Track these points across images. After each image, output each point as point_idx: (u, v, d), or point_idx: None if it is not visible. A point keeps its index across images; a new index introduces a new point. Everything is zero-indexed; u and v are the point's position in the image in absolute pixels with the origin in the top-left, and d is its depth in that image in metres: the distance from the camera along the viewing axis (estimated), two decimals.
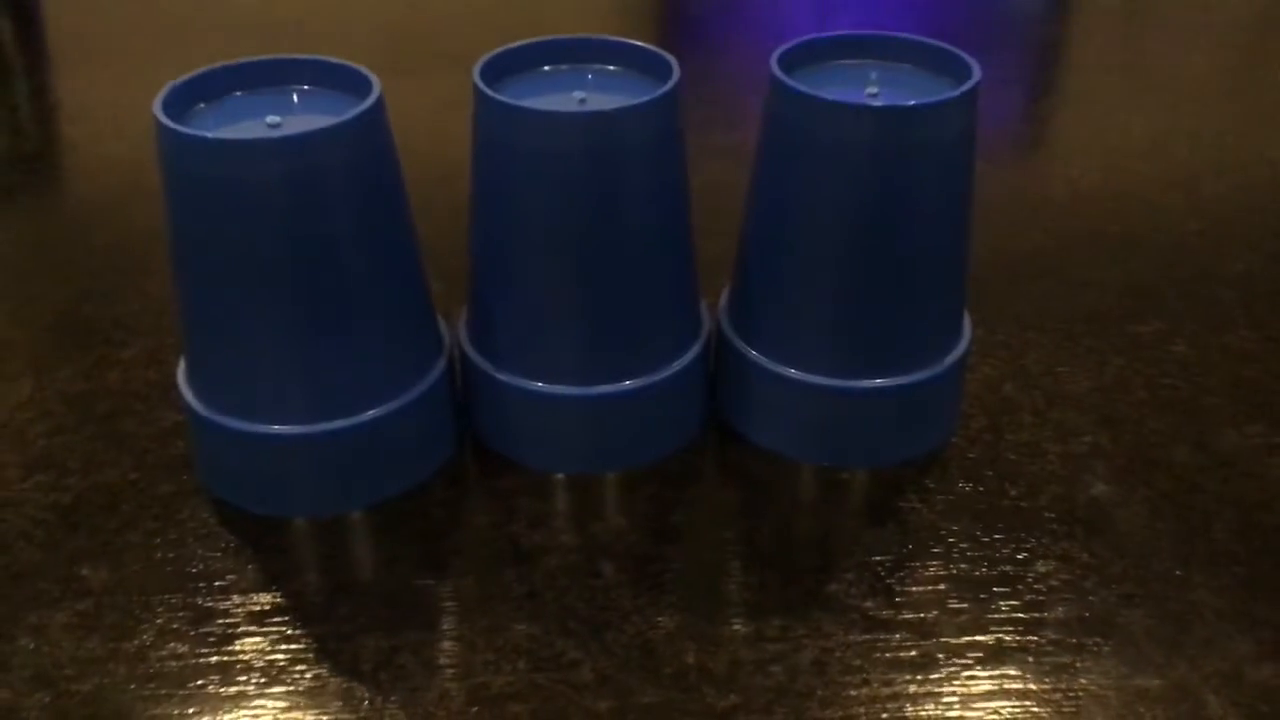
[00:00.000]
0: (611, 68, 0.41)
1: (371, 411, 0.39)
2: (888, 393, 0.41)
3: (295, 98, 0.39)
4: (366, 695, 0.34)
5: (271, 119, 0.37)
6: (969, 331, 0.42)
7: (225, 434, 0.39)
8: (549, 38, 0.41)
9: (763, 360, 0.41)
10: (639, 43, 0.40)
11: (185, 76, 0.38)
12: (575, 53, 0.41)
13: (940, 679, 0.34)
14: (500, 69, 0.40)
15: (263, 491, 0.40)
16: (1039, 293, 0.52)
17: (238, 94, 0.39)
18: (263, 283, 0.36)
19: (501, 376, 0.41)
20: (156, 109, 0.36)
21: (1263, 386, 0.46)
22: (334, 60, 0.39)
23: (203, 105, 0.38)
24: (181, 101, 0.37)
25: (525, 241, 0.39)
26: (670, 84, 0.38)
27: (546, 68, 0.41)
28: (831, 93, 0.37)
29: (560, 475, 0.42)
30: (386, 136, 0.37)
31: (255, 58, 0.39)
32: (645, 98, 0.37)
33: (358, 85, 0.38)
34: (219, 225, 0.36)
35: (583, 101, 0.39)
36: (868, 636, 0.35)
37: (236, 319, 0.37)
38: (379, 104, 0.37)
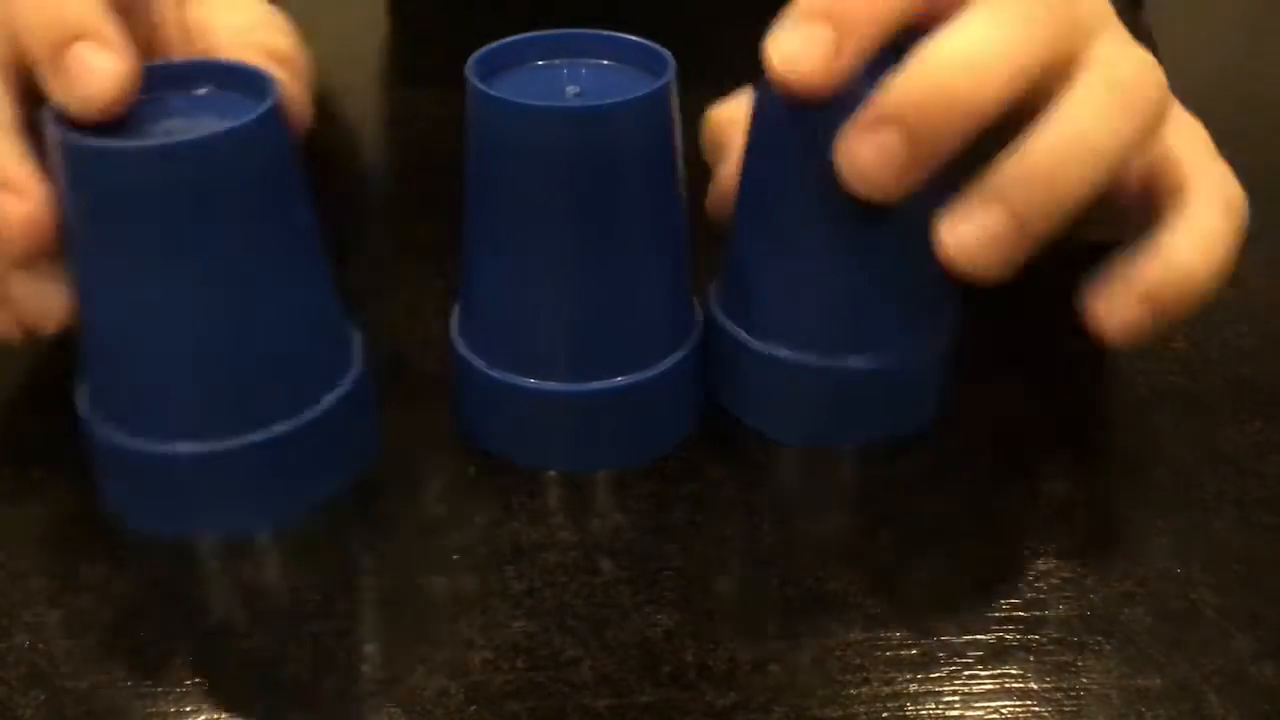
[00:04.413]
0: (606, 62, 0.41)
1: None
2: (876, 371, 0.41)
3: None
4: (365, 693, 0.34)
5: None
6: (956, 313, 0.42)
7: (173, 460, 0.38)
8: (543, 33, 0.41)
9: (753, 342, 0.42)
10: (634, 37, 0.40)
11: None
12: (570, 47, 0.41)
13: (941, 678, 0.34)
14: (494, 64, 0.40)
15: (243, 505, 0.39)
16: (1038, 288, 0.52)
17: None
18: None
19: (493, 373, 0.41)
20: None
21: (1262, 384, 0.46)
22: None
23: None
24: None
25: (515, 237, 0.39)
26: (665, 79, 0.38)
27: (540, 62, 0.41)
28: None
29: (555, 472, 0.41)
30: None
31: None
32: (639, 92, 0.37)
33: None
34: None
35: (576, 96, 0.39)
36: (867, 635, 0.35)
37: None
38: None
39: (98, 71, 0.35)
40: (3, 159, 0.37)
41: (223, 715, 0.33)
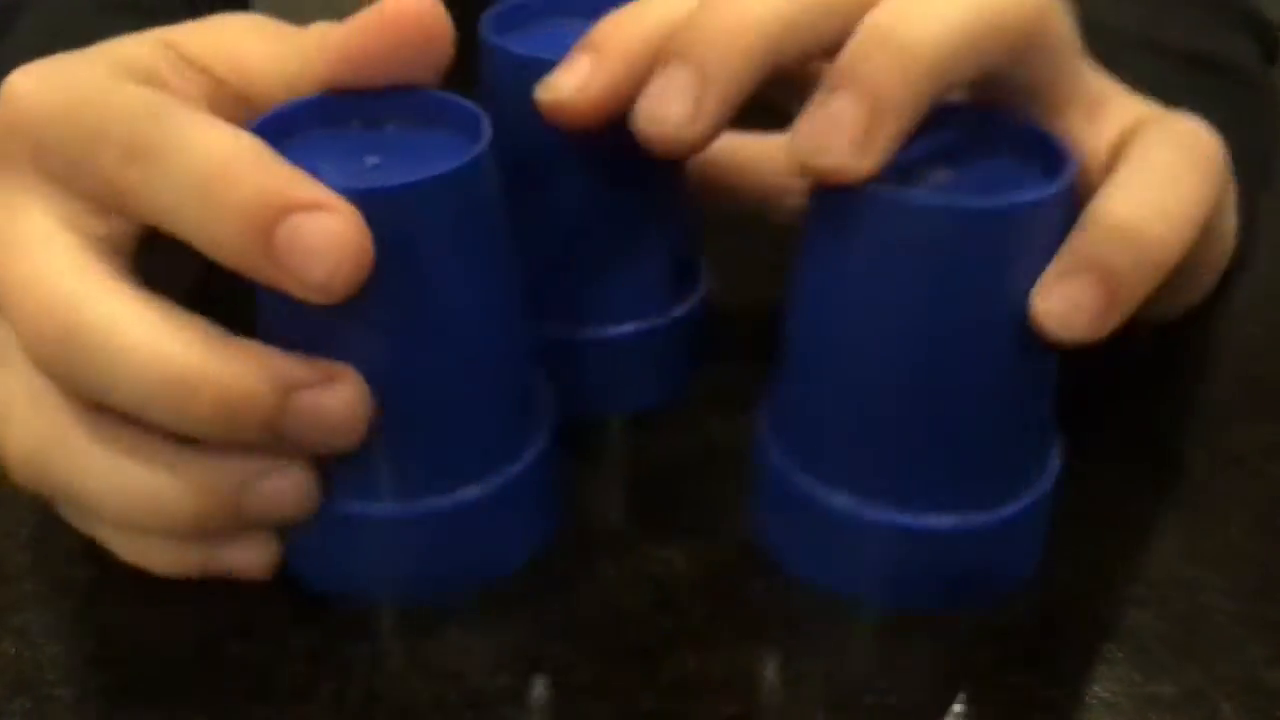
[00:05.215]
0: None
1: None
2: (958, 533, 0.35)
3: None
4: (360, 700, 0.33)
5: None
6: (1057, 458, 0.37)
7: None
8: None
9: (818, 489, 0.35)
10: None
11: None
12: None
13: (951, 686, 0.34)
14: None
15: None
16: None
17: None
18: None
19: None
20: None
21: (1273, 384, 0.45)
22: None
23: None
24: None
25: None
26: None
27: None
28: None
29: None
30: None
31: None
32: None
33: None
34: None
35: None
36: (876, 643, 0.35)
37: None
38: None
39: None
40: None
41: None
